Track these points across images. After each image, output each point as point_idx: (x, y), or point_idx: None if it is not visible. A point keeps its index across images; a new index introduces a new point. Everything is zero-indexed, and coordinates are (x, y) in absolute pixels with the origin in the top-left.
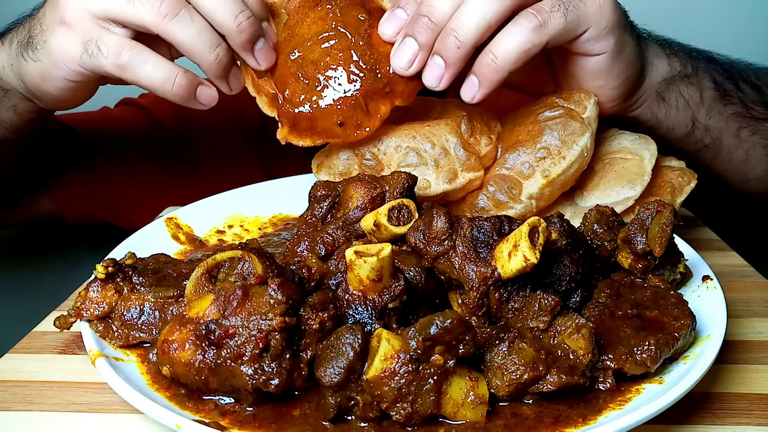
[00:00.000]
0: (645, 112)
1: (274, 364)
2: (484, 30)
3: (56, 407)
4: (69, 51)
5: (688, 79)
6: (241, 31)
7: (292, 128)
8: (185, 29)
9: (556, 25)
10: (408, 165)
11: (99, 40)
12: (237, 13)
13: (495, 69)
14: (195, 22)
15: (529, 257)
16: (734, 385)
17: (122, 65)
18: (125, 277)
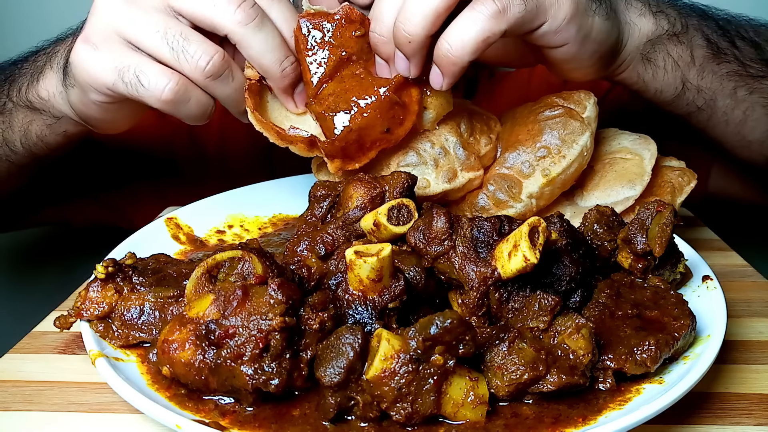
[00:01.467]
0: (630, 76)
1: (274, 364)
2: (432, 20)
3: (56, 407)
4: (100, 77)
5: (677, 38)
6: (285, 77)
7: (344, 159)
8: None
9: (515, 12)
10: (407, 164)
11: (137, 70)
12: (282, 59)
13: (452, 60)
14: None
15: (529, 257)
16: (734, 385)
17: (166, 100)
18: (125, 277)
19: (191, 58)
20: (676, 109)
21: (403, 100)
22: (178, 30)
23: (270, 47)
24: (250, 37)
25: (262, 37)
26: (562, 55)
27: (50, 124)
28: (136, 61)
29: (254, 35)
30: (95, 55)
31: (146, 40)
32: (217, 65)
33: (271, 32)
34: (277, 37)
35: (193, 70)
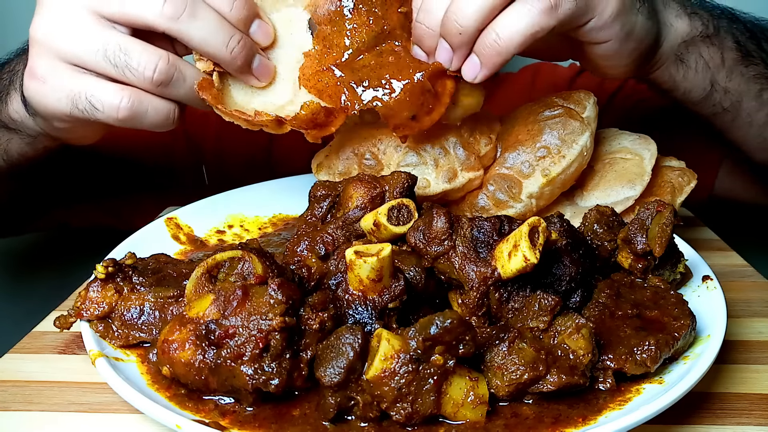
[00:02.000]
0: (662, 75)
1: (274, 364)
2: (487, 13)
3: (56, 407)
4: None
5: (709, 40)
6: (236, 57)
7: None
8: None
9: (566, 9)
10: (408, 164)
11: (88, 93)
12: (227, 40)
13: (498, 51)
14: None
15: (529, 257)
16: (734, 385)
17: (122, 119)
18: (125, 277)
19: (135, 70)
20: (702, 110)
21: (436, 90)
22: (116, 44)
23: (210, 32)
24: (186, 28)
25: (199, 25)
26: (604, 51)
27: (28, 142)
28: (84, 86)
29: (189, 26)
30: (45, 89)
31: (88, 62)
32: (164, 71)
33: (206, 17)
34: (214, 20)
35: (141, 82)
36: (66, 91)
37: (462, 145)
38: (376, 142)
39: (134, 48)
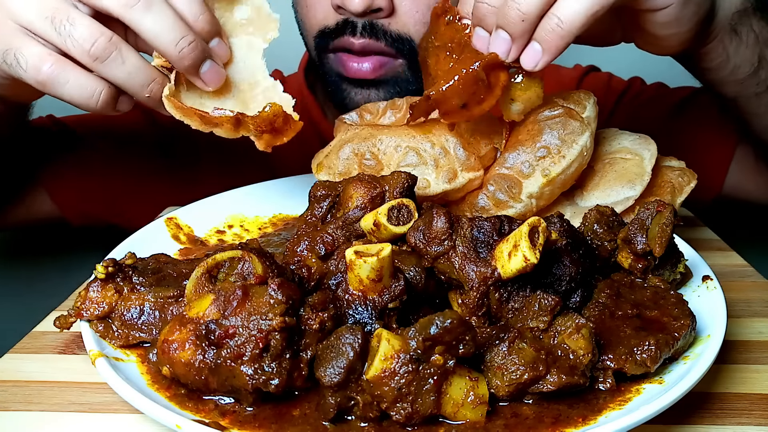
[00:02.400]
0: (716, 47)
1: (274, 364)
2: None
3: (56, 407)
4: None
5: (759, 13)
6: (184, 57)
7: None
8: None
9: None
10: (408, 165)
11: (18, 51)
12: (178, 39)
13: (561, 34)
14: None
15: (529, 257)
16: (734, 385)
17: (42, 81)
18: (125, 277)
19: (75, 41)
20: (746, 89)
21: (489, 80)
22: (66, 15)
23: (163, 28)
24: (138, 18)
25: (153, 18)
26: (664, 18)
27: None
28: (19, 44)
29: (143, 16)
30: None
31: (36, 25)
32: (101, 47)
33: (162, 11)
34: (170, 17)
35: (79, 53)
36: (3, 46)
37: (462, 145)
38: (376, 143)
39: (81, 22)
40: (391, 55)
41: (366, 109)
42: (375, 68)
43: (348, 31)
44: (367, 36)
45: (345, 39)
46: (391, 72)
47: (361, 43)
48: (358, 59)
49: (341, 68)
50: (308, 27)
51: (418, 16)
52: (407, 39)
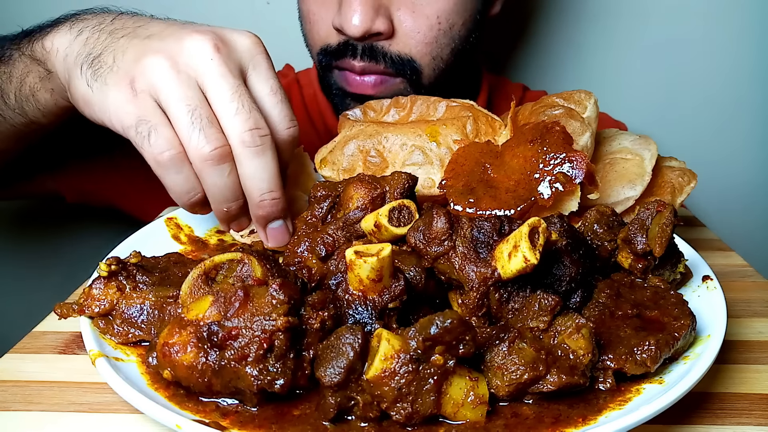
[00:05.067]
0: None
1: (278, 364)
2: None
3: (56, 407)
4: (121, 115)
5: None
6: (262, 208)
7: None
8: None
9: None
10: (413, 163)
11: (153, 127)
12: (265, 190)
13: None
14: (228, 178)
15: (529, 258)
16: (734, 385)
17: (159, 162)
18: (129, 275)
19: (202, 139)
20: None
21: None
22: (207, 113)
23: (260, 176)
24: (246, 158)
25: (257, 163)
26: None
27: (42, 77)
28: (156, 121)
29: (250, 158)
30: (131, 101)
31: (175, 107)
32: (219, 155)
33: (267, 162)
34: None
35: (197, 149)
36: (141, 114)
37: None
38: (381, 140)
39: (216, 127)
40: (390, 75)
41: (369, 106)
42: (375, 84)
43: (349, 53)
44: (367, 59)
45: (346, 61)
46: (391, 89)
47: (362, 66)
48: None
49: (344, 83)
50: (311, 43)
51: (419, 36)
52: (408, 60)
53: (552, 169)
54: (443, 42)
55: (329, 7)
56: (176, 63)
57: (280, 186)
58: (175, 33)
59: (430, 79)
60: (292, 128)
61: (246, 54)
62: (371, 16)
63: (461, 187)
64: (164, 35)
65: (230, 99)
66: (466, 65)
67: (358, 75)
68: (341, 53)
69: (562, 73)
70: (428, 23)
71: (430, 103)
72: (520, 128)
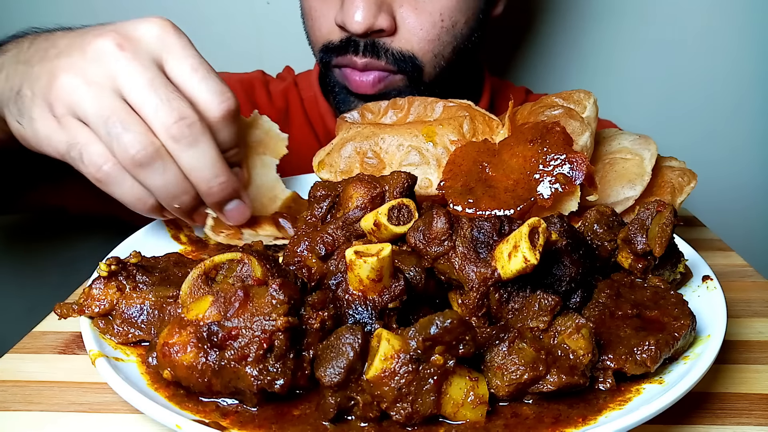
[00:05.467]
0: None
1: (278, 364)
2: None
3: (56, 407)
4: (54, 144)
5: None
6: (211, 195)
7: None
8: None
9: None
10: (410, 164)
11: (82, 147)
12: (209, 178)
13: None
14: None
15: (529, 258)
16: (734, 385)
17: (99, 179)
18: (129, 275)
19: (121, 145)
20: None
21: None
22: (120, 118)
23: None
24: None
25: (192, 154)
26: None
27: None
28: (84, 139)
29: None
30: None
31: (92, 122)
32: (147, 155)
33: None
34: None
35: (122, 156)
36: (69, 137)
37: None
38: (378, 141)
39: (135, 129)
40: (392, 71)
41: (367, 108)
42: (374, 83)
43: (351, 49)
44: (369, 55)
45: (348, 57)
46: (391, 86)
47: (364, 62)
48: (361, 73)
49: (346, 82)
50: (313, 39)
51: (422, 33)
52: (410, 57)
53: (552, 170)
54: (446, 40)
55: (331, 4)
56: (85, 75)
57: (225, 168)
58: (77, 44)
59: (431, 77)
60: (226, 101)
61: (155, 41)
62: (374, 13)
63: (460, 188)
64: (70, 50)
65: (147, 95)
66: (468, 66)
67: (360, 72)
68: (343, 49)
69: (563, 73)
70: (431, 20)
71: (427, 104)
72: (519, 127)
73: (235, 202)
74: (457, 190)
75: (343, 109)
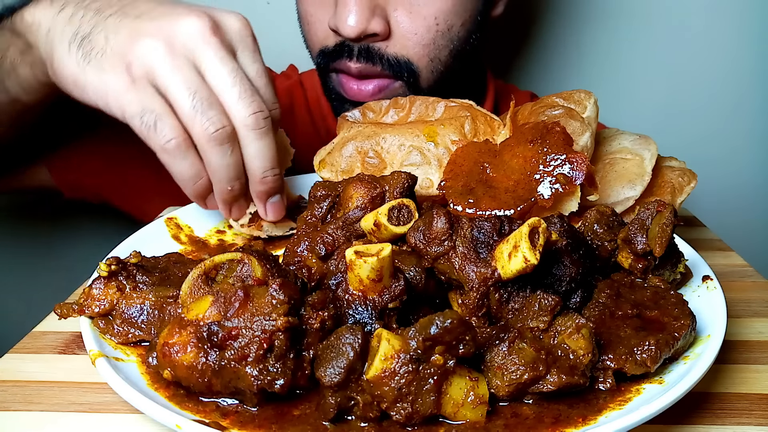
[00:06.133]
0: None
1: (278, 364)
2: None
3: (56, 407)
4: (123, 103)
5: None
6: (264, 184)
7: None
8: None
9: None
10: (411, 164)
11: (158, 117)
12: (267, 168)
13: None
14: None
15: (529, 258)
16: (734, 385)
17: (165, 149)
18: (129, 275)
19: (205, 120)
20: None
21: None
22: (207, 94)
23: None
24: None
25: (261, 144)
26: None
27: (23, 50)
28: (160, 109)
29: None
30: (130, 89)
31: (175, 92)
32: (224, 134)
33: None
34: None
35: (201, 130)
36: (144, 103)
37: None
38: (379, 141)
39: (217, 108)
40: (389, 77)
41: (369, 107)
42: (374, 92)
43: (345, 55)
44: (364, 61)
45: (343, 62)
46: (390, 94)
47: (358, 67)
48: (358, 82)
49: (341, 89)
50: (310, 45)
51: (416, 38)
52: (405, 62)
53: (552, 170)
54: (441, 43)
55: (326, 8)
56: (172, 46)
57: (278, 163)
58: (168, 14)
59: (429, 83)
60: (278, 109)
61: (236, 36)
62: (367, 17)
63: (460, 188)
64: (156, 15)
65: (232, 83)
66: (469, 68)
67: (355, 79)
68: (338, 54)
69: (562, 73)
70: (426, 24)
71: (429, 104)
72: (520, 128)
73: (278, 197)
74: (457, 190)
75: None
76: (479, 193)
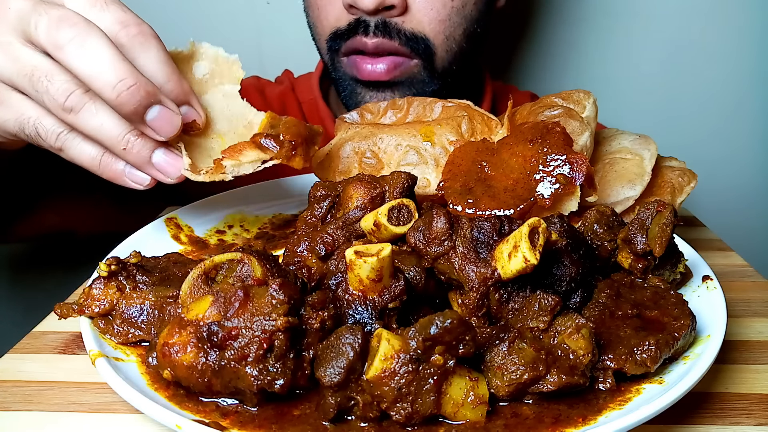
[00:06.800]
0: None
1: (278, 364)
2: None
3: (56, 407)
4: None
5: None
6: (122, 103)
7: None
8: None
9: None
10: (408, 164)
11: (36, 121)
12: (114, 81)
13: None
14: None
15: (529, 258)
16: (734, 385)
17: (59, 148)
18: (129, 275)
19: (51, 96)
20: None
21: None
22: (44, 72)
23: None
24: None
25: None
26: None
27: None
28: (33, 113)
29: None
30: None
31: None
32: (75, 98)
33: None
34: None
35: (55, 107)
36: (17, 115)
37: None
38: (376, 141)
39: (59, 78)
40: (405, 55)
41: (366, 108)
42: (389, 69)
43: (360, 30)
44: (380, 35)
45: (358, 39)
46: (406, 73)
47: (374, 42)
48: (372, 60)
49: (355, 71)
50: (320, 30)
51: (432, 13)
52: (422, 38)
53: (552, 171)
54: (456, 21)
55: None
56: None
57: (131, 71)
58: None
59: (444, 63)
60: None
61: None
62: None
63: (459, 188)
64: None
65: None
66: (467, 69)
67: (370, 57)
68: (353, 32)
69: (562, 74)
70: (443, 0)
71: (426, 104)
72: (519, 127)
73: (157, 108)
74: (456, 190)
75: (350, 104)
76: (478, 192)
